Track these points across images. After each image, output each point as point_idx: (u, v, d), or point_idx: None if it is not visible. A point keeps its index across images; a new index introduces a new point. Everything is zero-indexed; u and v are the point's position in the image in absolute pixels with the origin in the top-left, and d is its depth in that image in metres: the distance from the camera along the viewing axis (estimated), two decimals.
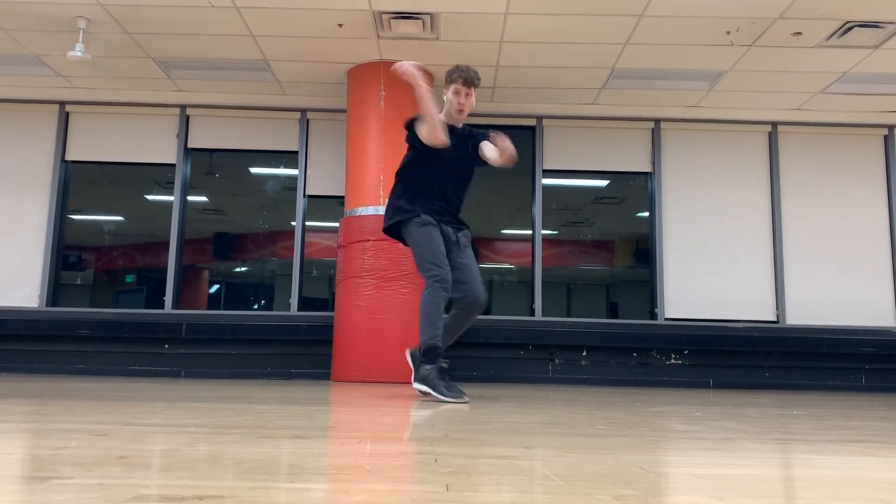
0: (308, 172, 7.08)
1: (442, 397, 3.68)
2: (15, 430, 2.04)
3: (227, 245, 8.59)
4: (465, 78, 3.95)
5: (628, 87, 6.68)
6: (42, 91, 7.01)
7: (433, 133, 3.81)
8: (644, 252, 7.30)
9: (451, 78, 4.00)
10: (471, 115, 7.10)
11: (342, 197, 6.61)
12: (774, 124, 7.21)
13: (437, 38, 5.81)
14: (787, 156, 7.21)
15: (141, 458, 1.51)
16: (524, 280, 7.33)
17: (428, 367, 3.78)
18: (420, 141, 3.92)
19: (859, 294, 6.98)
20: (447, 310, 4.05)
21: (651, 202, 7.16)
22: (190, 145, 7.14)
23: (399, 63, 3.82)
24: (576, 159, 7.22)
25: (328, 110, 7.08)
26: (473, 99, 4.03)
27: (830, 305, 6.95)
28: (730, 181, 7.17)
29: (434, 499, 1.14)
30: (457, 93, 3.98)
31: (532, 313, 6.92)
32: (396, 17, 5.46)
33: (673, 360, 6.68)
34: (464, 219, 4.19)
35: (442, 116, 4.02)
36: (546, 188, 7.15)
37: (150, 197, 8.12)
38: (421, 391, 3.82)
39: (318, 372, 6.42)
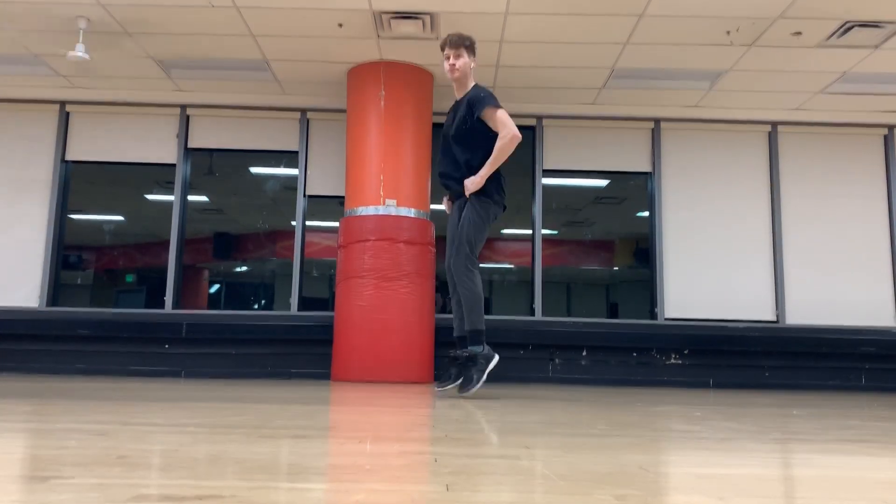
0: (308, 172, 7.08)
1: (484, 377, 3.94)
2: (15, 430, 2.04)
3: (227, 245, 8.59)
4: (450, 41, 4.14)
5: (628, 87, 6.68)
6: (42, 91, 7.01)
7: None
8: (644, 252, 7.30)
9: (441, 48, 4.21)
10: None
11: (342, 197, 6.61)
12: (774, 124, 7.21)
13: (437, 38, 5.80)
14: (787, 156, 7.21)
15: (141, 458, 1.51)
16: (524, 280, 7.33)
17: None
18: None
19: (859, 294, 6.98)
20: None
21: (651, 202, 7.16)
22: (190, 145, 7.14)
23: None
24: (576, 159, 7.22)
25: (328, 110, 7.08)
26: (465, 58, 4.14)
27: (830, 305, 6.95)
28: (730, 181, 7.17)
29: (434, 499, 1.14)
30: (446, 58, 4.16)
31: (532, 313, 6.92)
32: (396, 17, 5.46)
33: (673, 360, 6.68)
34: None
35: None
36: (546, 188, 7.15)
37: (150, 197, 8.11)
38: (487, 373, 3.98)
39: (318, 372, 6.42)
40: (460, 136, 4.11)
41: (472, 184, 4.00)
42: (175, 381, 5.44)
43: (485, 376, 3.92)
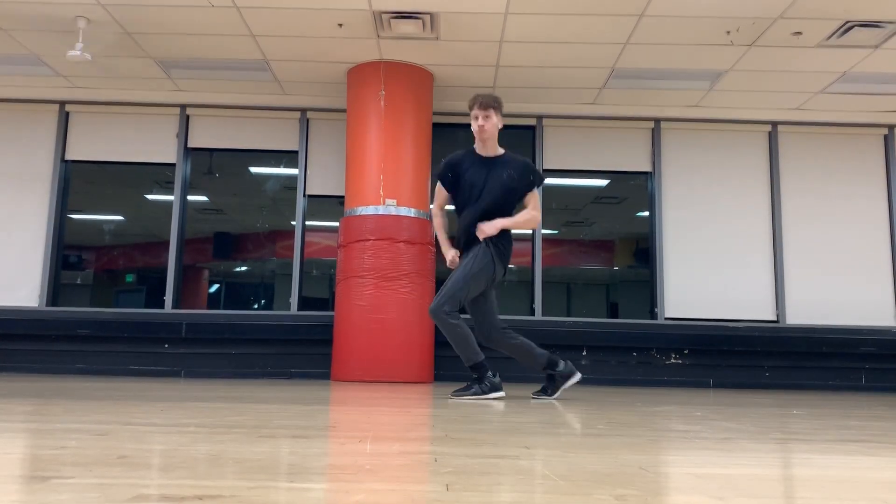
0: (308, 172, 7.08)
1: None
2: (15, 429, 2.04)
3: (227, 245, 8.59)
4: (479, 102, 4.18)
5: (628, 87, 6.68)
6: (42, 91, 7.01)
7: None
8: (644, 252, 7.30)
9: (469, 107, 4.24)
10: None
11: (342, 197, 6.61)
12: (774, 124, 7.21)
13: (437, 38, 5.81)
14: (787, 156, 7.21)
15: (141, 457, 1.51)
16: (524, 280, 7.33)
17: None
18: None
19: (859, 294, 6.98)
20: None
21: (651, 202, 7.16)
22: (190, 145, 7.14)
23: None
24: (576, 159, 7.22)
25: (328, 110, 7.08)
26: (494, 120, 4.19)
27: (830, 305, 6.95)
28: (730, 181, 7.17)
29: (434, 499, 1.15)
30: (475, 118, 4.19)
31: (532, 313, 6.92)
32: (396, 17, 5.46)
33: (673, 360, 6.68)
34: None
35: (476, 146, 4.28)
36: (546, 188, 7.15)
37: (150, 197, 8.11)
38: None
39: (318, 372, 6.42)
40: (500, 190, 4.16)
41: (487, 226, 4.08)
42: (175, 381, 5.44)
43: (482, 398, 3.95)
